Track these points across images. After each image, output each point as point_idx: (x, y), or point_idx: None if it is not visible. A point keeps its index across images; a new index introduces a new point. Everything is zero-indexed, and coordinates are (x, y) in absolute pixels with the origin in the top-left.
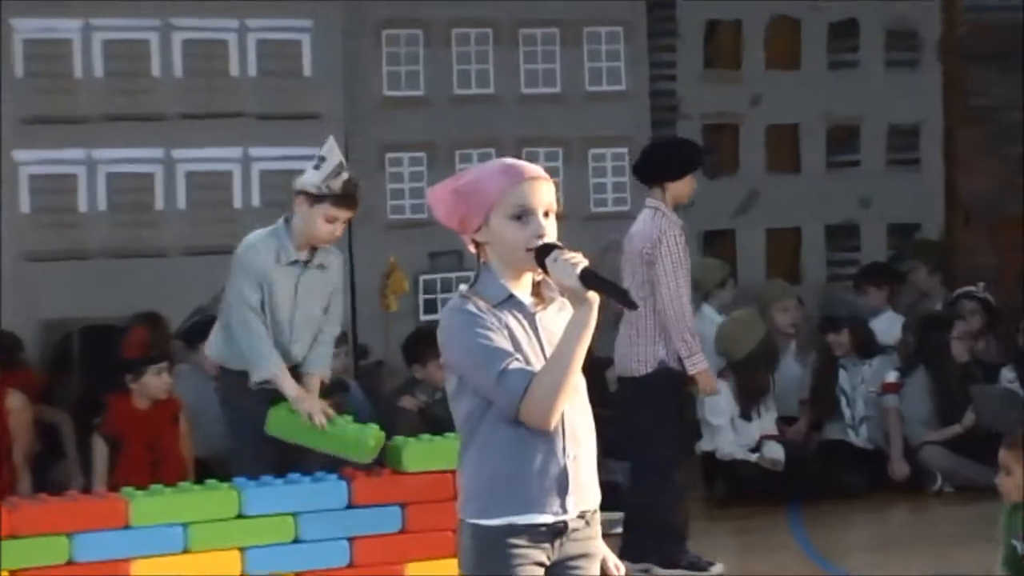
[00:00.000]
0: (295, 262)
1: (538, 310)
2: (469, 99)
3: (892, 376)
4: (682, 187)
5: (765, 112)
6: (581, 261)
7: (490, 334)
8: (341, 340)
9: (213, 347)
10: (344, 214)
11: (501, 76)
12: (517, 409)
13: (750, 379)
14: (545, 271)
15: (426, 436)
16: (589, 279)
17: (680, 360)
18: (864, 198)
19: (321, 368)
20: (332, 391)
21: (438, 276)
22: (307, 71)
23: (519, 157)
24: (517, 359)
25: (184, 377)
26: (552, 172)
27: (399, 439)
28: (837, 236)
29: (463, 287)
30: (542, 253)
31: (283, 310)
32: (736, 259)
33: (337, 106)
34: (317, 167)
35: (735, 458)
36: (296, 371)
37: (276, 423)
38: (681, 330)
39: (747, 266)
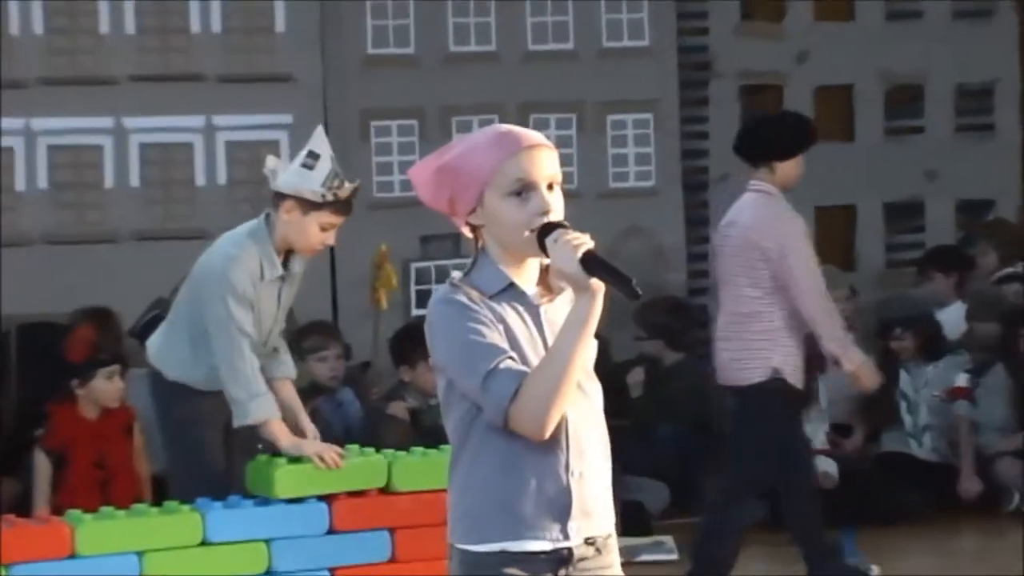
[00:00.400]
0: (280, 277)
1: (543, 302)
2: (467, 58)
3: (962, 379)
4: (792, 168)
5: (813, 71)
6: (585, 243)
7: (481, 328)
8: (331, 340)
9: (159, 355)
10: (341, 220)
11: (504, 31)
12: (505, 416)
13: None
14: (545, 254)
15: (418, 449)
16: (592, 264)
17: (795, 371)
18: (929, 171)
19: (289, 370)
20: (307, 396)
21: (431, 264)
22: (279, 26)
23: (525, 125)
24: (510, 357)
25: (138, 383)
26: (564, 142)
27: (388, 453)
28: (898, 215)
29: (455, 274)
30: (543, 233)
31: (264, 329)
32: None
33: (314, 67)
34: (309, 167)
35: None
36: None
37: (284, 484)
38: (832, 328)
39: None
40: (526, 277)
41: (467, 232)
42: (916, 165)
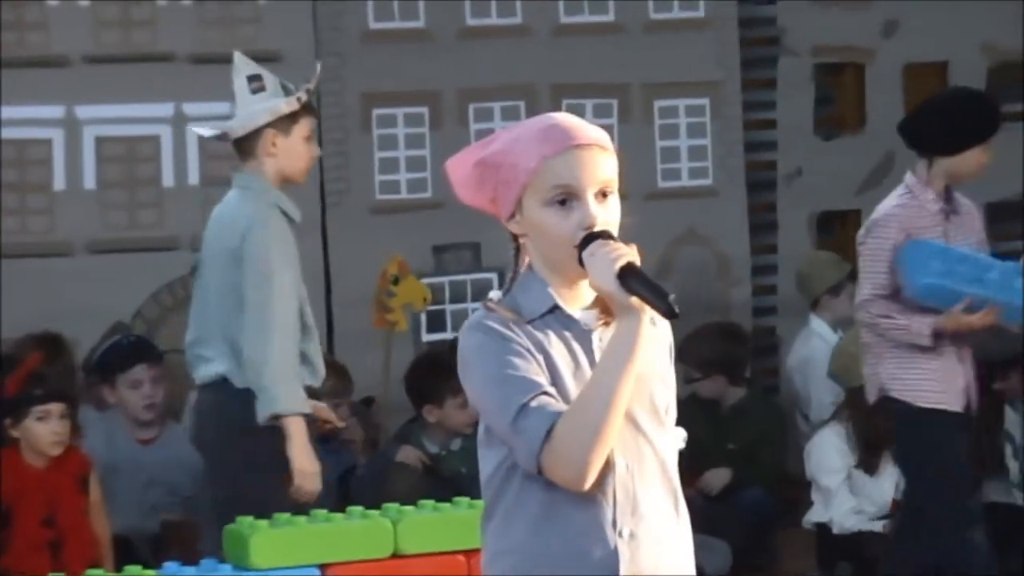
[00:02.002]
0: (292, 222)
1: (597, 326)
2: (487, 32)
3: None
4: (961, 164)
5: (902, 45)
6: (624, 254)
7: (515, 360)
8: (337, 379)
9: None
10: (314, 123)
11: (532, 0)
12: (537, 461)
13: (868, 418)
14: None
15: (428, 503)
16: (629, 278)
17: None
18: None
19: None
20: None
21: (446, 279)
22: None
23: (557, 109)
24: (546, 393)
25: (96, 425)
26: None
27: (392, 510)
28: (1001, 216)
29: (494, 294)
30: (583, 246)
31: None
32: None
33: (305, 44)
34: (262, 89)
35: (859, 531)
36: None
37: (262, 552)
38: (884, 332)
39: None
40: (578, 298)
41: (514, 241)
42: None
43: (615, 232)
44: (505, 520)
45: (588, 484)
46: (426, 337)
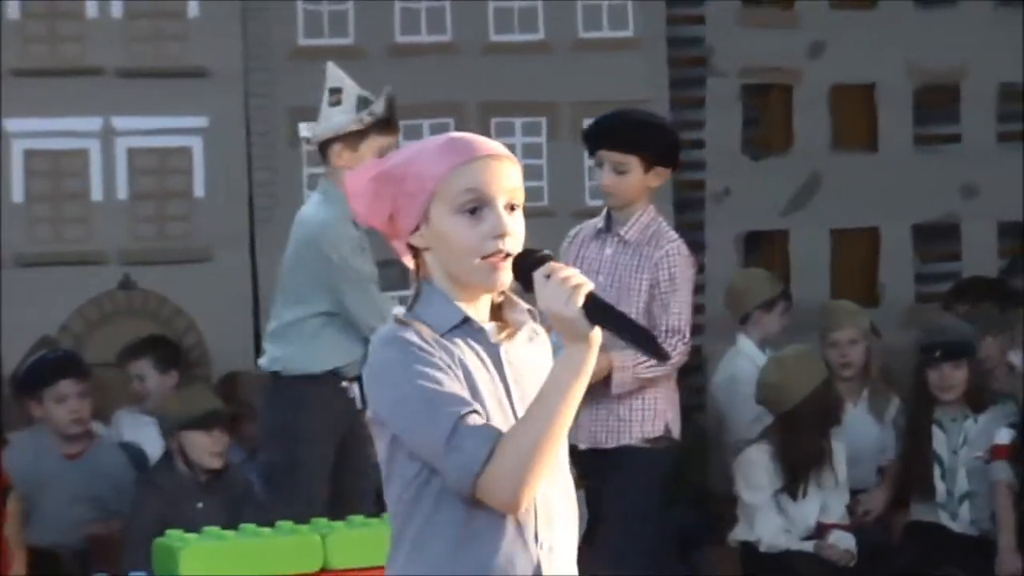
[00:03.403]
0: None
1: (502, 339)
2: (417, 49)
3: (1004, 435)
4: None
5: (829, 67)
6: (585, 283)
7: (437, 374)
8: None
9: (279, 357)
10: (393, 138)
11: (461, 18)
12: (474, 484)
13: (795, 442)
14: (526, 287)
15: (359, 518)
16: (598, 312)
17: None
18: (967, 186)
19: None
20: None
21: None
22: (192, 10)
23: (486, 128)
24: (476, 411)
25: (22, 440)
26: (532, 151)
27: (322, 525)
28: (930, 238)
29: (398, 310)
30: (526, 264)
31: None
32: (789, 272)
33: (233, 59)
34: (337, 103)
35: (787, 549)
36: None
37: (191, 565)
38: None
39: (804, 280)
40: (479, 311)
41: (408, 259)
42: (952, 179)
43: (520, 246)
44: (418, 540)
45: (523, 508)
46: None
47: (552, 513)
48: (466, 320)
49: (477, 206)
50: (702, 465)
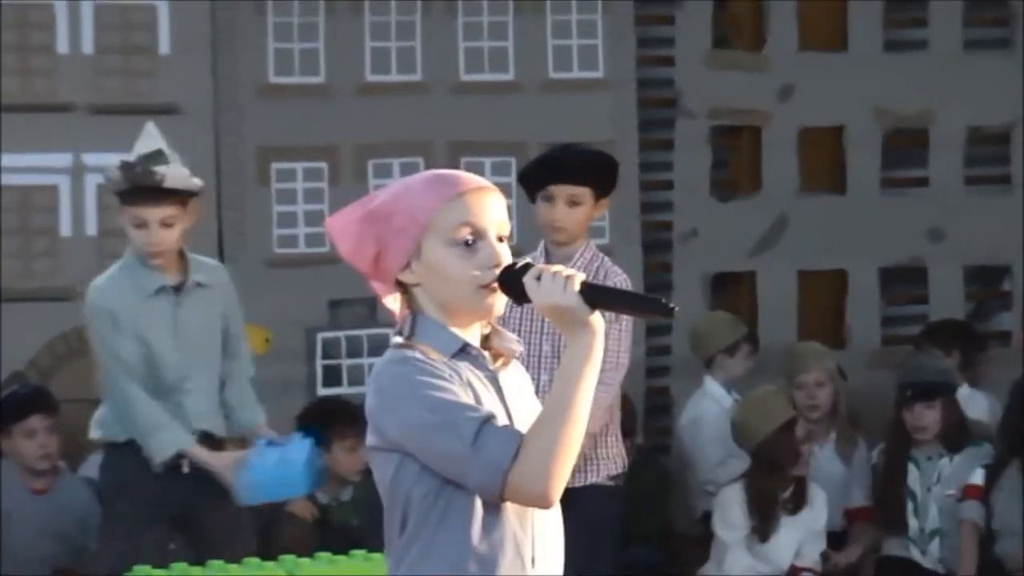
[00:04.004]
0: (162, 289)
1: (498, 368)
2: (387, 88)
3: (977, 476)
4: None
5: (798, 109)
6: (575, 273)
7: (451, 386)
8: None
9: (102, 424)
10: (155, 213)
11: (432, 56)
12: (503, 483)
13: (763, 482)
14: (521, 299)
15: (324, 555)
16: (594, 295)
17: None
18: (935, 229)
19: (261, 416)
20: None
21: (342, 334)
22: (163, 47)
23: (455, 166)
24: (495, 415)
25: None
26: (503, 189)
27: (288, 562)
28: (896, 281)
29: (396, 338)
30: (512, 277)
31: (165, 358)
32: (756, 313)
33: (203, 96)
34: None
35: None
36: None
37: None
38: None
39: (771, 322)
40: (472, 341)
41: (390, 302)
42: (919, 223)
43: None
44: (419, 567)
45: (556, 501)
46: (321, 391)
47: (547, 539)
48: (466, 347)
49: (472, 238)
50: (665, 505)
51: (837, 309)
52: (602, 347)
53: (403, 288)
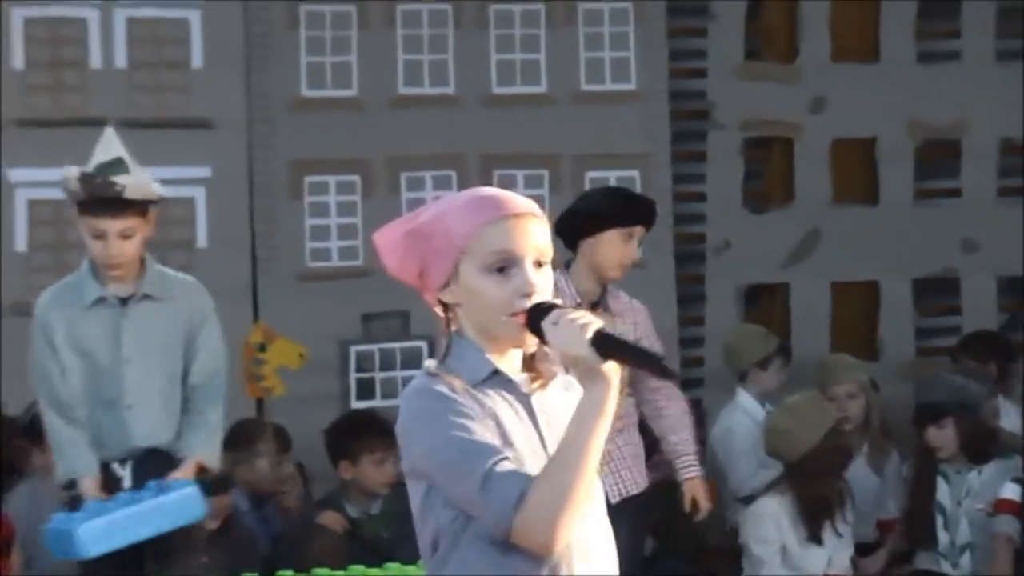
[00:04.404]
0: (100, 300)
1: (533, 390)
2: (419, 101)
3: (1011, 490)
4: (597, 251)
5: (830, 121)
6: (592, 321)
7: (470, 424)
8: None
9: None
10: (114, 225)
11: (464, 69)
12: (509, 526)
13: (812, 488)
14: (541, 339)
15: (359, 569)
16: (606, 345)
17: None
18: (968, 240)
19: (202, 450)
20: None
21: (375, 347)
22: (196, 61)
23: (488, 179)
24: (507, 458)
25: (21, 489)
26: (535, 202)
27: (323, 574)
28: (929, 293)
29: (429, 363)
30: (535, 316)
31: (105, 371)
32: (789, 325)
33: (237, 110)
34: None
35: None
36: (148, 459)
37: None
38: None
39: (804, 334)
40: (509, 364)
41: (440, 312)
42: (952, 234)
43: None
44: None
45: (559, 548)
46: (355, 404)
47: (589, 550)
48: (496, 372)
49: (505, 265)
50: (699, 522)
51: (870, 321)
52: (615, 398)
53: (445, 307)
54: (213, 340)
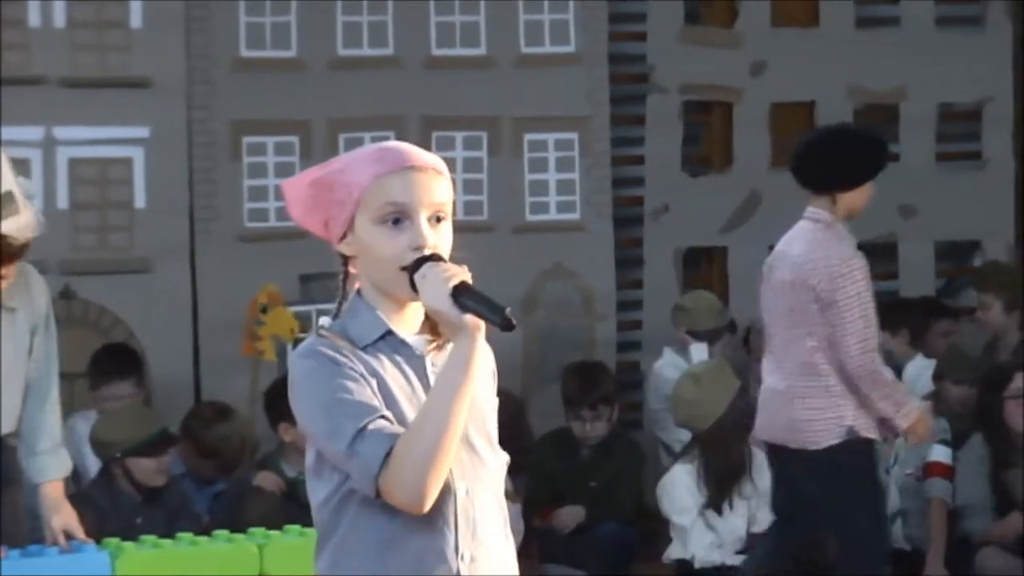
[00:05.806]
0: None
1: (430, 351)
2: (359, 63)
3: (939, 453)
4: (858, 199)
5: (770, 85)
6: (457, 274)
7: (348, 384)
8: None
9: None
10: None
11: (403, 32)
12: (375, 485)
13: (718, 456)
14: (417, 294)
15: (294, 528)
16: (462, 296)
17: (875, 426)
18: (905, 206)
19: (62, 470)
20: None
21: (312, 307)
22: (134, 21)
23: (427, 142)
24: (382, 417)
25: None
26: (473, 165)
27: (258, 535)
28: (867, 258)
29: (324, 320)
30: (415, 270)
31: None
32: (728, 287)
33: (176, 70)
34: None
35: (722, 564)
36: None
37: (127, 573)
38: (880, 389)
39: (743, 298)
40: (407, 322)
41: (339, 266)
42: (890, 200)
43: (446, 257)
44: (341, 550)
45: (427, 506)
46: None
47: (476, 526)
48: (389, 333)
49: (399, 218)
50: (636, 482)
51: None
52: (482, 354)
53: (346, 260)
54: (45, 338)
